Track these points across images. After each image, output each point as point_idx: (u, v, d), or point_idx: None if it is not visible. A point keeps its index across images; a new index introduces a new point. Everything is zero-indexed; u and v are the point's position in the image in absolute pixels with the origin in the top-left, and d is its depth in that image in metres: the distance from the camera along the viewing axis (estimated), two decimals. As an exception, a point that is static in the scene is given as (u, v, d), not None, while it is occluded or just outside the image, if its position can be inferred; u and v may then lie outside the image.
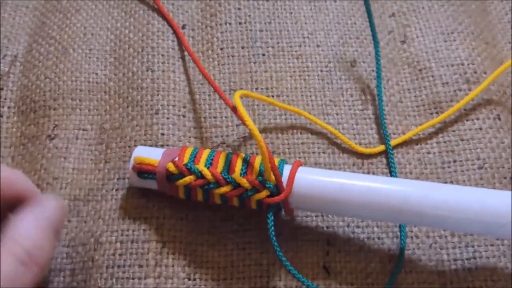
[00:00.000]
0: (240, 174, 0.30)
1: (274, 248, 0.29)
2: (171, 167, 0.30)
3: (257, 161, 0.30)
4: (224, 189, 0.30)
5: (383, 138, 0.36)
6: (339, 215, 0.31)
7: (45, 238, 0.26)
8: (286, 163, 0.31)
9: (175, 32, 0.39)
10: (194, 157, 0.31)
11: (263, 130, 0.36)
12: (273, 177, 0.29)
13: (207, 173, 0.30)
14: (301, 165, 0.31)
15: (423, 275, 0.32)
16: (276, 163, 0.30)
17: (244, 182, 0.29)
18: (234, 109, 0.31)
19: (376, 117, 0.37)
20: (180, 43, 0.39)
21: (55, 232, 0.27)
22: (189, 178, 0.30)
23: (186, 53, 0.38)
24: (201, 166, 0.30)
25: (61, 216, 0.28)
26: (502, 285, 0.31)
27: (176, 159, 0.31)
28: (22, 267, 0.24)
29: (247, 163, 0.30)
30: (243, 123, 0.30)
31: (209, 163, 0.30)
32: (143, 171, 0.31)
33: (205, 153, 0.31)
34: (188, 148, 0.31)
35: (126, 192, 0.33)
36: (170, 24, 0.39)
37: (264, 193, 0.29)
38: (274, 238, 0.29)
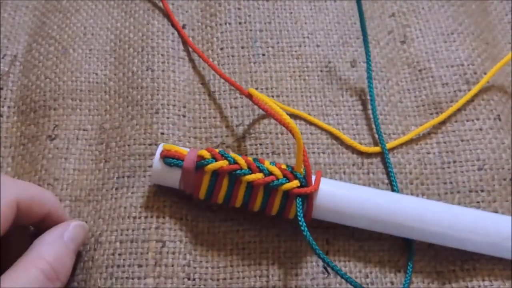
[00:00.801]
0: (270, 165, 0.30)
1: (306, 237, 0.29)
2: (203, 152, 0.30)
3: (284, 164, 0.31)
4: (256, 176, 0.30)
5: (383, 138, 0.36)
6: (352, 225, 0.32)
7: (67, 255, 0.28)
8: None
9: (179, 33, 0.39)
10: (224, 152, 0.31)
11: (263, 131, 0.36)
12: (302, 171, 0.30)
13: (240, 159, 0.30)
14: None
15: (422, 275, 0.32)
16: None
17: (276, 170, 0.30)
18: (249, 96, 0.32)
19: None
20: (184, 43, 0.39)
21: (76, 250, 0.29)
22: (222, 162, 0.30)
23: (186, 53, 0.38)
24: (233, 154, 0.30)
25: (83, 236, 0.29)
26: (500, 285, 0.31)
27: None
28: (48, 281, 0.25)
29: (274, 163, 0.31)
30: (264, 109, 0.30)
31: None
32: (171, 156, 0.30)
33: (233, 154, 0.31)
34: (215, 149, 0.31)
35: (126, 191, 0.33)
36: (174, 25, 0.39)
37: (295, 183, 0.30)
38: (304, 224, 0.29)
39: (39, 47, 0.38)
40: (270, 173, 0.30)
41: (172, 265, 0.31)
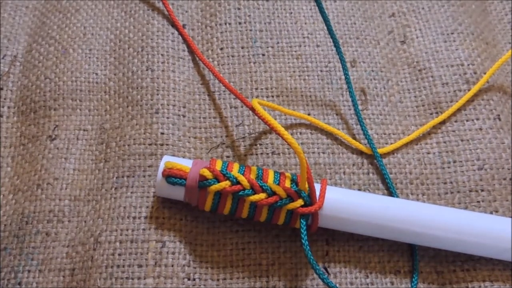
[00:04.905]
0: (274, 183, 0.30)
1: (307, 257, 0.29)
2: (205, 172, 0.30)
3: (288, 173, 0.31)
4: (259, 196, 0.29)
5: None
6: (358, 233, 0.32)
7: None
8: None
9: (179, 33, 0.39)
10: (226, 166, 0.31)
11: (263, 131, 0.36)
12: (306, 187, 0.30)
13: (242, 179, 0.30)
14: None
15: (422, 275, 0.32)
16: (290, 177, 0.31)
17: (280, 190, 0.29)
18: (252, 109, 0.32)
19: (376, 117, 0.37)
20: (185, 43, 0.39)
21: None
22: (224, 183, 0.29)
23: (186, 53, 0.38)
24: (235, 173, 0.30)
25: None
26: (500, 286, 0.31)
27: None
28: None
29: (278, 174, 0.31)
30: (266, 123, 0.30)
31: (242, 172, 0.30)
32: (173, 175, 0.30)
33: (236, 165, 0.31)
34: (218, 160, 0.31)
35: (126, 191, 0.33)
36: (174, 25, 0.39)
37: (299, 202, 0.29)
38: (308, 248, 0.29)
39: (39, 47, 0.38)
40: (274, 193, 0.30)
41: (172, 265, 0.31)
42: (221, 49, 0.39)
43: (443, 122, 0.36)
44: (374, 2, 0.42)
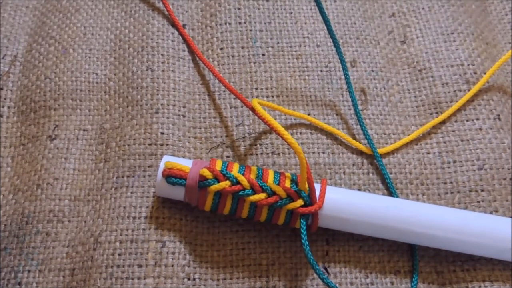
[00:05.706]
0: (274, 183, 0.30)
1: (307, 257, 0.29)
2: (205, 172, 0.30)
3: (288, 173, 0.31)
4: (259, 196, 0.29)
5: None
6: (358, 233, 0.32)
7: None
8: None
9: (180, 33, 0.39)
10: (226, 166, 0.31)
11: (263, 131, 0.36)
12: (306, 187, 0.30)
13: (242, 179, 0.30)
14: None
15: (422, 275, 0.32)
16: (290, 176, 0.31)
17: (279, 190, 0.30)
18: (252, 109, 0.32)
19: (376, 117, 0.37)
20: (185, 43, 0.39)
21: None
22: (224, 183, 0.29)
23: (186, 53, 0.39)
24: (235, 173, 0.30)
25: None
26: (500, 285, 0.31)
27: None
28: None
29: (278, 174, 0.31)
30: (266, 123, 0.30)
31: (242, 172, 0.30)
32: (173, 175, 0.30)
33: (236, 165, 0.31)
34: (218, 160, 0.31)
35: (126, 191, 0.33)
36: (174, 25, 0.39)
37: (299, 202, 0.30)
38: (308, 248, 0.29)
39: (39, 47, 0.38)
40: (274, 193, 0.30)
41: (172, 265, 0.31)
42: (221, 49, 0.39)
43: (443, 122, 0.36)
44: (374, 2, 0.42)
